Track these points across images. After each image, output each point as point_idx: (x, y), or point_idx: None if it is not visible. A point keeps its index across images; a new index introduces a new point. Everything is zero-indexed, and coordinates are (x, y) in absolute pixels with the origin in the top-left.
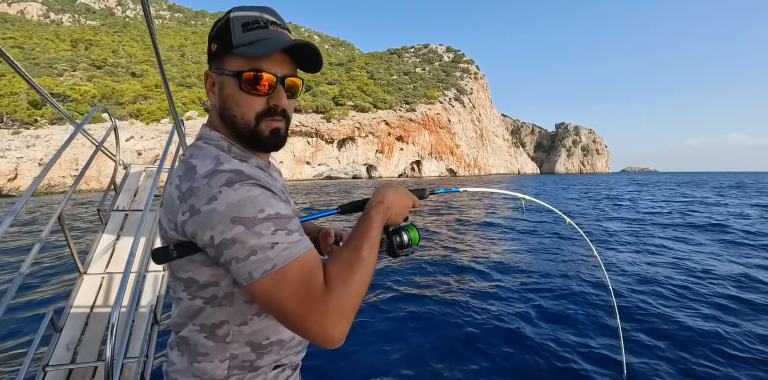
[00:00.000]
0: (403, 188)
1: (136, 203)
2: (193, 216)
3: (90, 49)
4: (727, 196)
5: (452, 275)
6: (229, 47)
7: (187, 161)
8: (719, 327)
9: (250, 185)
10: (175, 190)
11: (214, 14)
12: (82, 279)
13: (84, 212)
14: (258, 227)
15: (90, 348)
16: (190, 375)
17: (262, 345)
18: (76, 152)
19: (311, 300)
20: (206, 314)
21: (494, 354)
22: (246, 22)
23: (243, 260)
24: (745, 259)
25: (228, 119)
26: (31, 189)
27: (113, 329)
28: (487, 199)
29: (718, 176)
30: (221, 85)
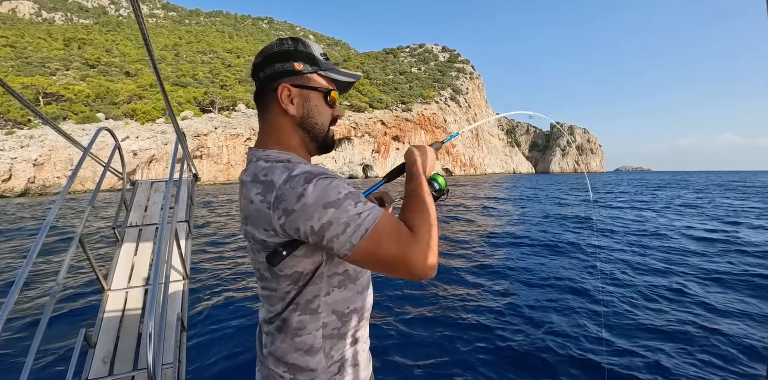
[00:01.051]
0: (425, 145)
1: (147, 218)
2: (291, 216)
3: (83, 48)
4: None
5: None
6: (315, 69)
7: (259, 180)
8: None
9: (323, 178)
10: (261, 204)
11: (209, 13)
12: (107, 296)
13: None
14: (344, 205)
15: (124, 359)
16: (294, 350)
17: (344, 313)
18: (71, 153)
19: (405, 242)
20: (303, 295)
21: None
22: (321, 53)
23: (342, 234)
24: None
25: (309, 125)
26: (56, 206)
27: (150, 337)
28: (486, 190)
29: (710, 176)
30: (306, 98)
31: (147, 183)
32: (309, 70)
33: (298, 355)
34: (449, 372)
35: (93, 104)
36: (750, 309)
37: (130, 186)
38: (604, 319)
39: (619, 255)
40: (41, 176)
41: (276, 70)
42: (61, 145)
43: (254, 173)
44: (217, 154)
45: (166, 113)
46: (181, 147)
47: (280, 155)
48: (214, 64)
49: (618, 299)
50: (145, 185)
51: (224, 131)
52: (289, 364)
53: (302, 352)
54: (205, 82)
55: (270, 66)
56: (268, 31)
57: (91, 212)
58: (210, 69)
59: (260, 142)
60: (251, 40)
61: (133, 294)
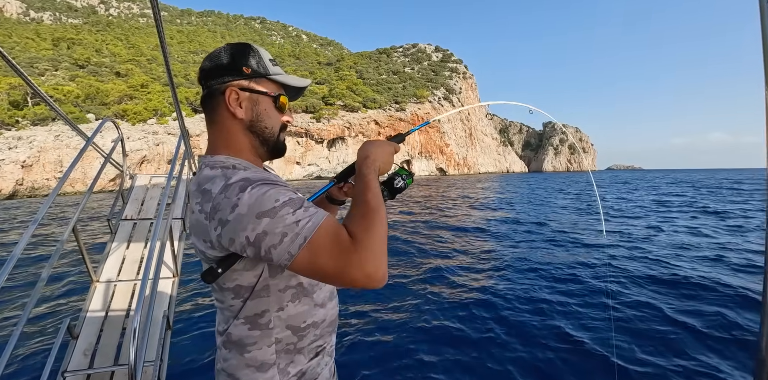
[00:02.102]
0: (381, 139)
1: (143, 213)
2: (225, 227)
3: (72, 48)
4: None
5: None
6: (263, 74)
7: (200, 189)
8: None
9: (260, 185)
10: (200, 214)
11: (200, 13)
12: (95, 287)
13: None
14: (280, 214)
15: (106, 353)
16: (244, 366)
17: (300, 327)
18: (60, 154)
19: (345, 253)
20: (248, 308)
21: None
22: (270, 58)
23: (279, 244)
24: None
25: (259, 129)
26: (50, 198)
27: (134, 333)
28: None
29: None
30: (255, 102)
31: (146, 177)
32: (257, 74)
33: (248, 371)
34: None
35: (83, 105)
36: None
37: (130, 180)
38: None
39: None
40: (30, 178)
41: (224, 73)
42: (50, 146)
43: (198, 182)
44: None
45: (157, 113)
46: (184, 144)
47: (228, 160)
48: None
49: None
50: (144, 179)
51: None
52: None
53: (253, 368)
54: (197, 84)
55: (218, 70)
56: (260, 31)
57: (87, 205)
58: None
59: (210, 148)
60: (243, 40)
61: (121, 287)
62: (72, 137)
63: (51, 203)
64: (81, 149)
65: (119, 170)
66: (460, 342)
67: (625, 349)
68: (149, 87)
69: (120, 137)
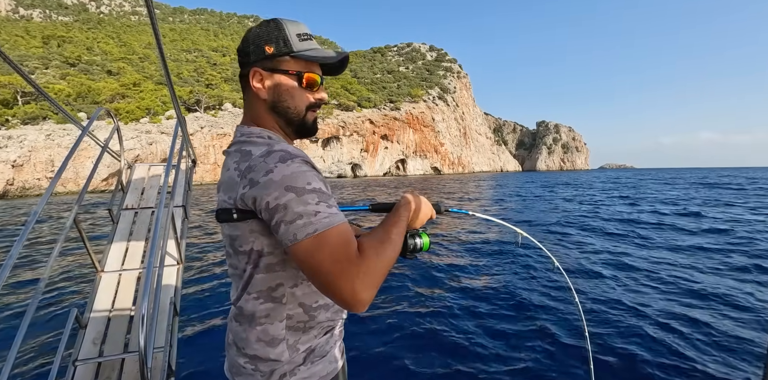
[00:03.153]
0: (425, 199)
1: (144, 202)
2: (253, 187)
3: (63, 46)
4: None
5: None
6: (288, 51)
7: (240, 150)
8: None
9: (300, 161)
10: (234, 172)
11: (193, 11)
12: (100, 277)
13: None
14: (305, 197)
15: (115, 341)
16: (255, 340)
17: (312, 307)
18: (52, 153)
19: (346, 262)
20: (262, 280)
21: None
22: (299, 33)
23: (290, 223)
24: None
25: (281, 109)
26: (46, 195)
27: (143, 320)
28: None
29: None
30: (278, 81)
31: (145, 166)
32: (280, 52)
33: (259, 346)
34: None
35: (74, 103)
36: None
37: (128, 169)
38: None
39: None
40: (20, 178)
41: (250, 53)
42: (41, 145)
43: (238, 145)
44: (204, 154)
45: (150, 112)
46: (181, 131)
47: (262, 132)
48: (199, 62)
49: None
50: (143, 168)
51: (210, 130)
52: (249, 355)
53: (263, 343)
54: (190, 81)
55: (246, 49)
56: None
57: (91, 199)
58: (195, 68)
59: (245, 119)
60: (236, 38)
61: (127, 276)
62: (63, 136)
63: (48, 198)
64: (77, 138)
65: (117, 160)
66: (438, 342)
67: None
68: (142, 86)
69: (116, 126)
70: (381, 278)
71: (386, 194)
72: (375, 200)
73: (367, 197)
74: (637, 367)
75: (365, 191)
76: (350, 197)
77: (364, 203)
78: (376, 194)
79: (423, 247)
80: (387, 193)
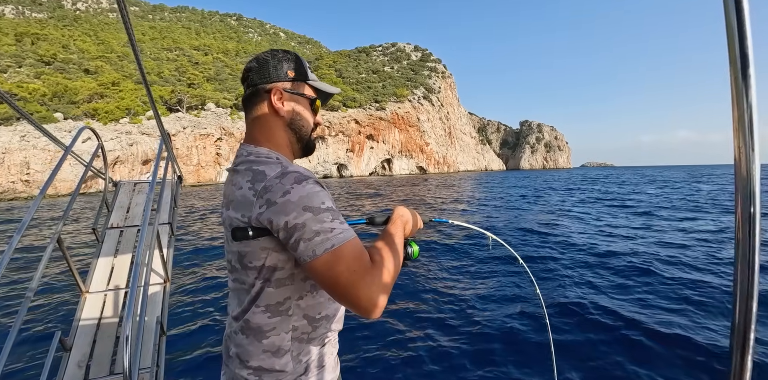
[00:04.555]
0: (415, 212)
1: (129, 219)
2: (271, 207)
3: (37, 44)
4: None
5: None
6: (304, 78)
7: (252, 169)
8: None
9: (313, 183)
10: (248, 191)
11: (173, 8)
12: (85, 298)
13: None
14: (321, 216)
15: (101, 363)
16: (261, 351)
17: (315, 318)
18: (27, 155)
19: (362, 272)
20: (271, 295)
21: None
22: (308, 66)
23: (309, 240)
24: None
25: (297, 127)
26: (33, 208)
27: (127, 341)
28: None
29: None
30: (296, 102)
31: (130, 184)
32: (299, 78)
33: (265, 356)
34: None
35: (50, 104)
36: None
37: (113, 187)
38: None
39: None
40: None
41: (270, 74)
42: (15, 147)
43: (248, 164)
44: (186, 155)
45: (130, 113)
46: (166, 148)
47: (270, 153)
48: (181, 61)
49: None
50: (128, 185)
51: (193, 131)
52: (254, 367)
53: (269, 354)
54: (172, 81)
55: (265, 70)
56: (236, 27)
57: (70, 214)
58: (176, 67)
59: (251, 139)
60: (219, 37)
61: (112, 296)
62: (39, 137)
63: (28, 222)
64: (60, 158)
65: (101, 178)
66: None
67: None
68: (121, 85)
69: (100, 145)
70: (391, 284)
71: (373, 202)
72: (369, 213)
73: (357, 196)
74: (596, 351)
75: (355, 191)
76: (343, 197)
77: (360, 217)
78: (365, 193)
79: (413, 255)
80: (376, 194)
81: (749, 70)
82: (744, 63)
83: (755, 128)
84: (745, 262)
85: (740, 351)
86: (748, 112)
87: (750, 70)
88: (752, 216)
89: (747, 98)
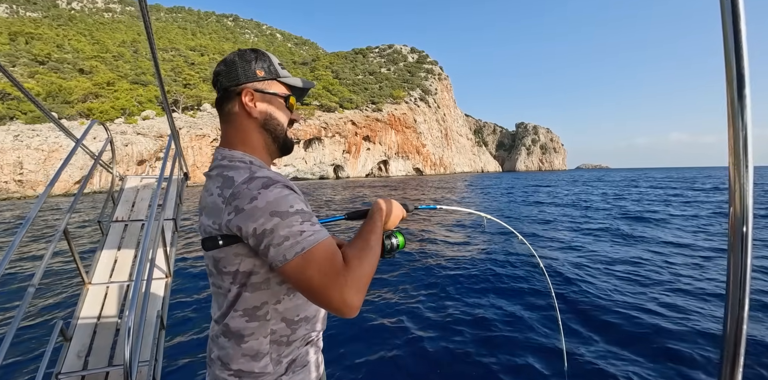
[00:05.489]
0: (396, 201)
1: (134, 214)
2: (239, 214)
3: (31, 43)
4: None
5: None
6: (274, 76)
7: (222, 175)
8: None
9: (281, 187)
10: (218, 198)
11: (170, 9)
12: (87, 289)
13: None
14: (290, 219)
15: (100, 354)
16: (240, 355)
17: (294, 320)
18: (21, 155)
19: (334, 273)
20: (248, 299)
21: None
22: (279, 63)
23: (279, 245)
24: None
25: (271, 127)
26: (41, 199)
27: (129, 333)
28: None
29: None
30: (268, 102)
31: (136, 179)
32: (269, 76)
33: (243, 360)
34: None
35: (44, 103)
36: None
37: (119, 181)
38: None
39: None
40: None
41: (239, 75)
42: (8, 147)
43: (219, 169)
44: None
45: (125, 112)
46: (174, 144)
47: (244, 156)
48: (177, 62)
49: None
50: (135, 180)
51: (189, 131)
52: (234, 370)
53: (248, 357)
54: (167, 81)
55: (234, 72)
56: (233, 28)
57: (76, 208)
58: (172, 67)
59: (226, 142)
60: (215, 37)
61: (114, 289)
62: (33, 136)
63: (41, 205)
64: (70, 151)
65: (109, 172)
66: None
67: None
68: (116, 85)
69: (109, 139)
70: (367, 283)
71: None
72: (350, 209)
73: (353, 196)
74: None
75: (350, 192)
76: (336, 197)
77: (341, 213)
78: (361, 193)
79: (399, 245)
80: (373, 193)
81: (745, 90)
82: (740, 84)
83: (750, 151)
84: (738, 266)
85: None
86: (743, 133)
87: (746, 91)
88: (745, 217)
89: (743, 118)
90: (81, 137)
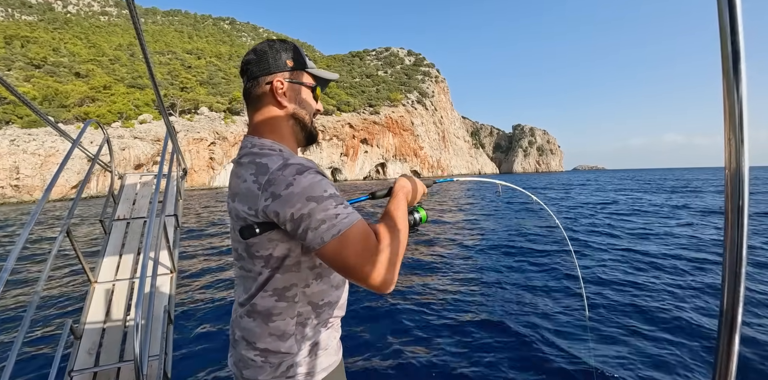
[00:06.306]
0: (416, 178)
1: (135, 211)
2: (276, 200)
3: (27, 47)
4: None
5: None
6: (303, 67)
7: (255, 162)
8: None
9: (314, 173)
10: (252, 184)
11: (166, 12)
12: (93, 288)
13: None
14: (325, 204)
15: (110, 351)
16: (267, 334)
17: (318, 305)
18: (17, 160)
19: (370, 252)
20: (278, 281)
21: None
22: (305, 54)
23: (316, 229)
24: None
25: (300, 116)
26: (41, 202)
27: (137, 328)
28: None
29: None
30: (297, 91)
31: (136, 176)
32: (299, 67)
33: (270, 340)
34: (414, 361)
35: (40, 107)
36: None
37: (119, 180)
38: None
39: None
40: None
41: (270, 65)
42: (4, 152)
43: (251, 156)
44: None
45: (122, 116)
46: (171, 141)
47: (273, 144)
48: (173, 65)
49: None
50: (134, 178)
51: (186, 135)
52: (260, 349)
53: (275, 337)
54: (164, 84)
55: (265, 62)
56: (230, 31)
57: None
58: (169, 70)
59: (255, 131)
60: (212, 41)
61: (120, 286)
62: (29, 141)
63: (37, 216)
64: (68, 151)
65: (108, 171)
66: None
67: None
68: (112, 89)
69: (106, 138)
70: (399, 259)
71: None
72: (372, 189)
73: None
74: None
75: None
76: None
77: (364, 194)
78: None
79: (422, 219)
80: None
81: (740, 64)
82: (735, 58)
83: (745, 124)
84: (733, 256)
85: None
86: (738, 106)
87: (741, 65)
88: (740, 209)
89: (738, 92)
90: (77, 137)
